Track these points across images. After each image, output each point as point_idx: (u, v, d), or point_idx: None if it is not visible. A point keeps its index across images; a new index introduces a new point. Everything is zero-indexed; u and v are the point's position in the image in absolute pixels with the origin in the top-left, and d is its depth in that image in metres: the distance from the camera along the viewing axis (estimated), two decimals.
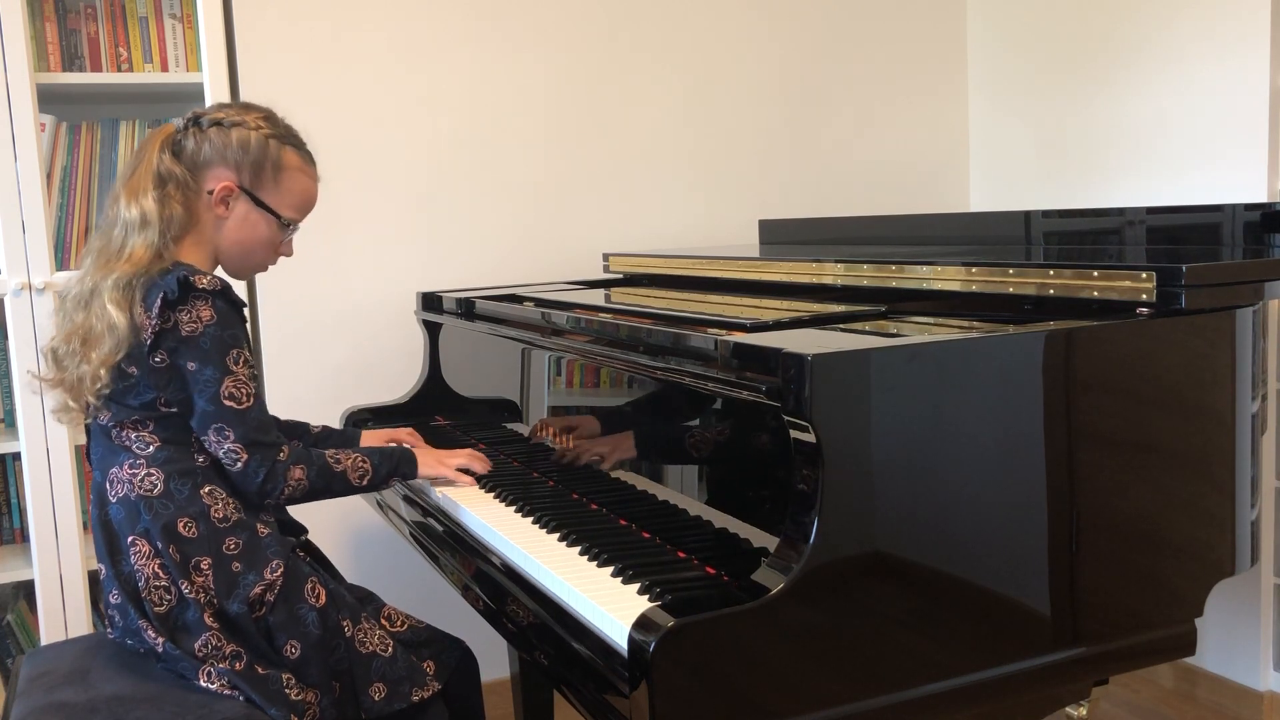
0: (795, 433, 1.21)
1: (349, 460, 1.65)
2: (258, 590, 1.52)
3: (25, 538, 2.42)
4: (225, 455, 1.53)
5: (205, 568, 1.51)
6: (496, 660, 2.40)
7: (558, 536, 1.54)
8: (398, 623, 1.67)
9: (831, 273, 1.86)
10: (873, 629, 1.21)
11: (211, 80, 2.34)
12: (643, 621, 1.13)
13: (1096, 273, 1.47)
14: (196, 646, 1.49)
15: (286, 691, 1.49)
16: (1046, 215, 2.17)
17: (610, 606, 1.25)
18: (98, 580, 1.64)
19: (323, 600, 1.57)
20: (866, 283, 1.79)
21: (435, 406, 2.39)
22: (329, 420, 2.40)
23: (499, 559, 1.57)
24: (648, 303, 1.93)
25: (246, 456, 1.53)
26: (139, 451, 1.56)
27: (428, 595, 2.40)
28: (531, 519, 1.63)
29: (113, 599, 1.56)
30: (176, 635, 1.51)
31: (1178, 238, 1.94)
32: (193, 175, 1.62)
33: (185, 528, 1.52)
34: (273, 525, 1.60)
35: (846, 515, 1.19)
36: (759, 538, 1.30)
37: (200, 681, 1.48)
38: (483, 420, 2.19)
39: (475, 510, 1.71)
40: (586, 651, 1.26)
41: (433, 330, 2.41)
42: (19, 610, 2.46)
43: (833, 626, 1.18)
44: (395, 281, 2.59)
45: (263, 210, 1.65)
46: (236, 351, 1.54)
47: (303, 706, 1.50)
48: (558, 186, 2.74)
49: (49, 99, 2.36)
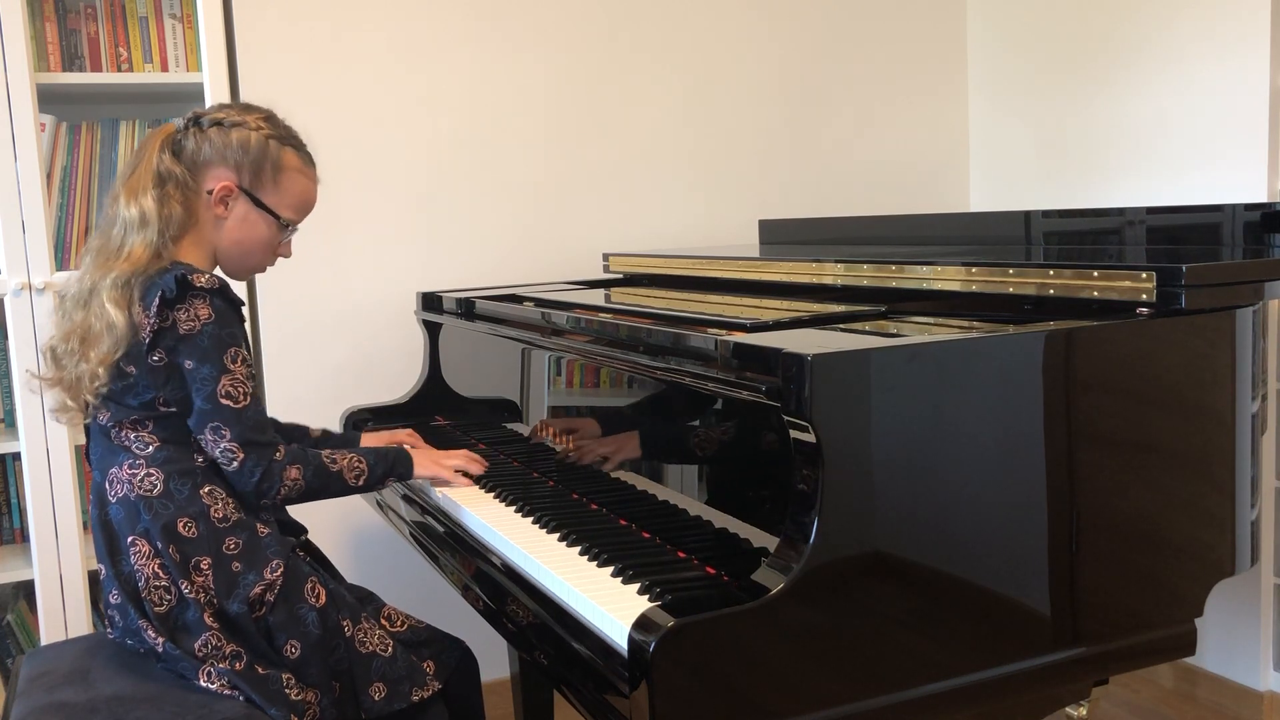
0: (795, 433, 1.21)
1: (345, 460, 1.65)
2: (258, 590, 1.52)
3: (25, 538, 2.43)
4: (221, 454, 1.53)
5: (205, 568, 1.51)
6: (496, 660, 2.40)
7: (558, 536, 1.54)
8: (398, 623, 1.67)
9: (831, 273, 1.86)
10: (873, 629, 1.21)
11: (211, 80, 2.34)
12: (643, 621, 1.13)
13: (1096, 273, 1.47)
14: (196, 646, 1.49)
15: (286, 691, 1.49)
16: (1046, 215, 2.17)
17: (610, 606, 1.25)
18: (98, 580, 1.64)
19: (323, 600, 1.57)
20: (866, 283, 1.79)
21: (435, 406, 2.39)
22: (329, 420, 2.40)
23: (499, 559, 1.57)
24: (648, 303, 1.93)
25: (243, 456, 1.53)
26: (138, 452, 1.56)
27: (428, 595, 2.40)
28: (531, 519, 1.63)
29: (113, 599, 1.56)
30: (176, 635, 1.51)
31: (1178, 238, 1.94)
32: (192, 175, 1.62)
33: (185, 528, 1.52)
34: (273, 525, 1.60)
35: (846, 515, 1.19)
36: (759, 538, 1.30)
37: (200, 681, 1.48)
38: (483, 420, 2.19)
39: (475, 510, 1.71)
40: (586, 651, 1.26)
41: (433, 330, 2.41)
42: (19, 610, 2.46)
43: (833, 626, 1.18)
44: (395, 281, 2.59)
45: (262, 211, 1.65)
46: (234, 350, 1.54)
47: (303, 706, 1.50)
48: (558, 186, 2.74)
49: (49, 99, 2.36)
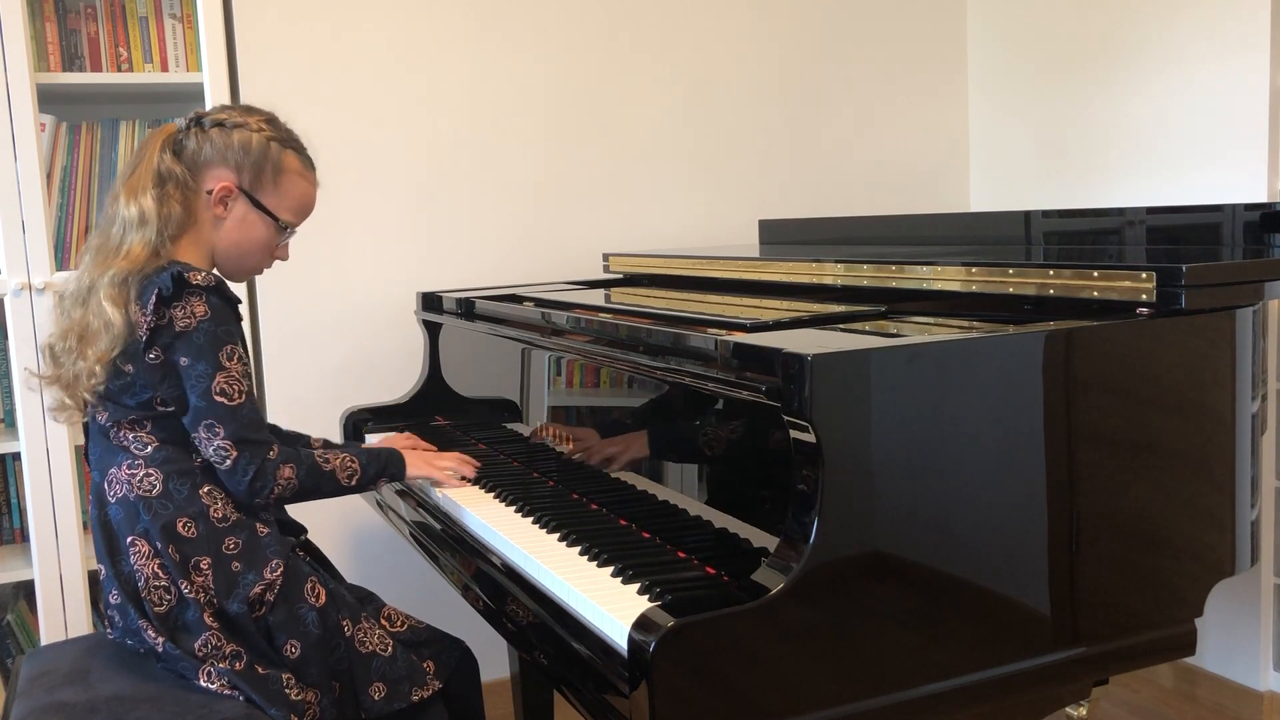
0: (795, 433, 1.21)
1: (338, 460, 1.65)
2: (257, 590, 1.52)
3: (25, 538, 2.43)
4: (215, 453, 1.53)
5: (205, 567, 1.51)
6: (496, 660, 2.40)
7: (558, 536, 1.54)
8: (398, 623, 1.67)
9: (831, 273, 1.86)
10: (873, 629, 1.21)
11: (211, 80, 2.34)
12: (643, 621, 1.13)
13: (1096, 273, 1.47)
14: (196, 646, 1.49)
15: (286, 691, 1.49)
16: (1046, 215, 2.17)
17: (610, 606, 1.25)
18: (98, 580, 1.64)
19: (322, 600, 1.57)
20: (866, 283, 1.79)
21: (435, 406, 2.39)
22: (329, 419, 2.41)
23: (499, 559, 1.57)
24: (648, 303, 1.93)
25: (236, 454, 1.52)
26: (137, 452, 1.56)
27: (428, 595, 2.40)
28: (531, 519, 1.63)
29: (113, 599, 1.57)
30: (176, 635, 1.51)
31: (1178, 238, 1.94)
32: (192, 175, 1.62)
33: (184, 528, 1.52)
34: (272, 525, 1.60)
35: (846, 515, 1.19)
36: (759, 538, 1.30)
37: (200, 681, 1.48)
38: (483, 420, 2.19)
39: (475, 510, 1.71)
40: (586, 651, 1.26)
41: (433, 330, 2.41)
42: (19, 610, 2.46)
43: (833, 626, 1.18)
44: (395, 281, 2.59)
45: (261, 212, 1.65)
46: (230, 348, 1.54)
47: (303, 706, 1.50)
48: (558, 186, 2.74)
49: (49, 99, 2.36)
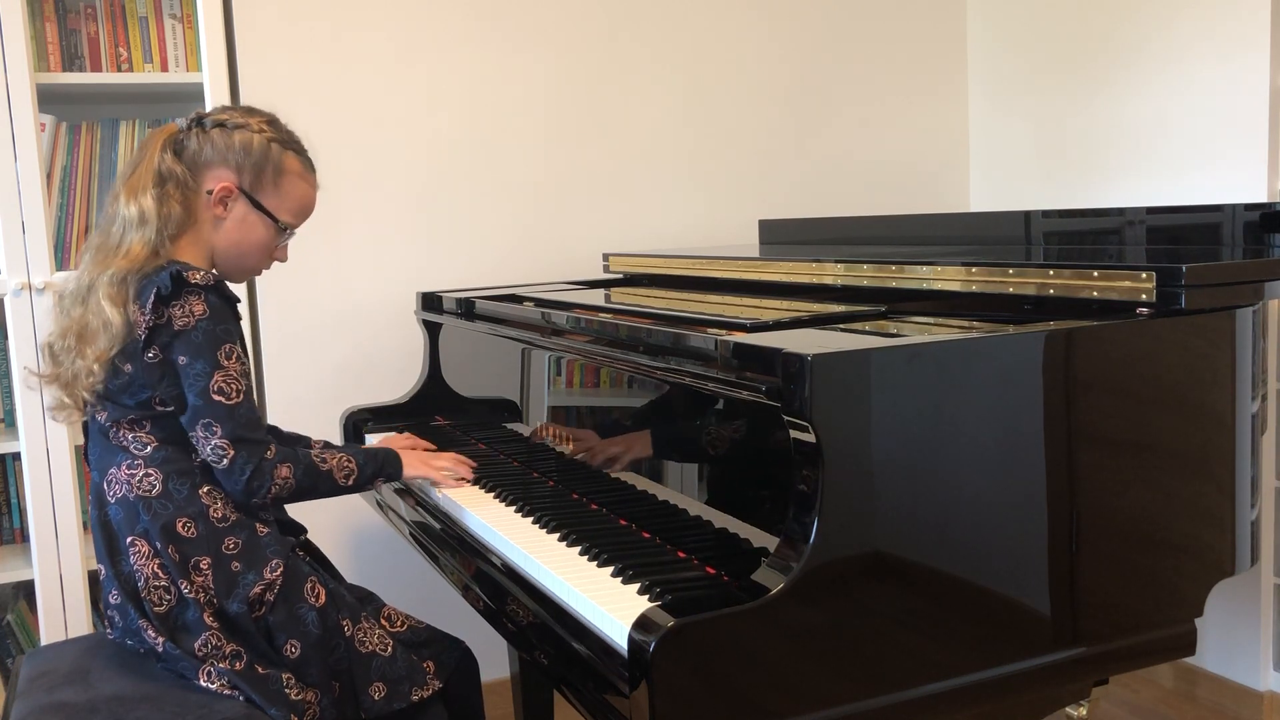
0: (795, 433, 1.20)
1: (334, 460, 1.65)
2: (257, 590, 1.52)
3: (25, 538, 2.43)
4: (212, 452, 1.52)
5: (205, 567, 1.51)
6: (496, 660, 2.40)
7: (558, 536, 1.54)
8: (397, 623, 1.67)
9: (831, 273, 1.86)
10: (873, 629, 1.21)
11: (211, 80, 2.34)
12: (643, 621, 1.13)
13: (1096, 273, 1.47)
14: (196, 646, 1.49)
15: (286, 691, 1.49)
16: (1046, 215, 2.17)
17: (610, 606, 1.25)
18: (98, 580, 1.64)
19: (322, 600, 1.57)
20: (866, 283, 1.79)
21: (435, 406, 2.39)
22: (329, 420, 2.41)
23: (499, 559, 1.57)
24: (648, 303, 1.93)
25: (233, 453, 1.52)
26: (136, 452, 1.56)
27: (428, 595, 2.40)
28: (531, 519, 1.63)
29: (112, 599, 1.57)
30: (176, 635, 1.51)
31: (1178, 238, 1.94)
32: (193, 175, 1.62)
33: (184, 528, 1.52)
34: (272, 525, 1.60)
35: (846, 515, 1.19)
36: (759, 538, 1.30)
37: (200, 681, 1.48)
38: (483, 420, 2.19)
39: (475, 510, 1.71)
40: (586, 651, 1.26)
41: (433, 330, 2.41)
42: (19, 610, 2.46)
43: (833, 626, 1.18)
44: (395, 281, 2.59)
45: (260, 213, 1.65)
46: (229, 347, 1.54)
47: (302, 706, 1.50)
48: (558, 186, 2.74)
49: (49, 99, 2.36)
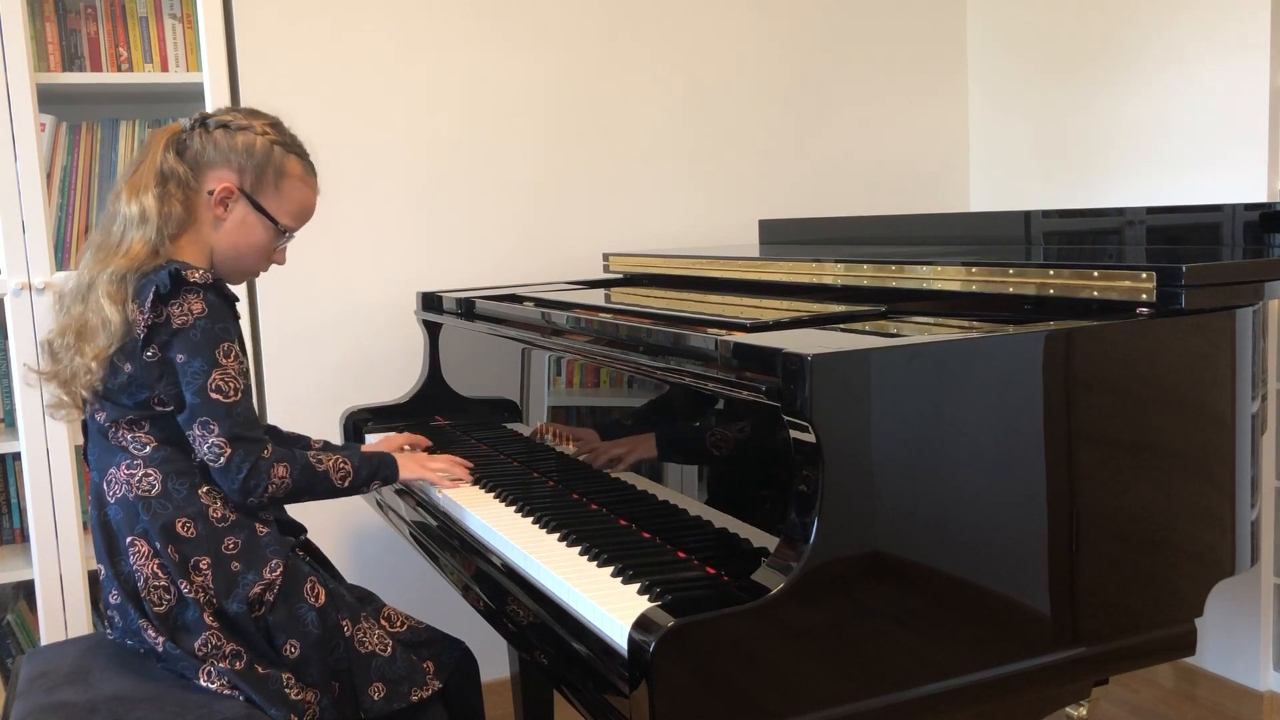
0: (795, 433, 1.20)
1: (330, 461, 1.65)
2: (257, 590, 1.52)
3: (25, 538, 2.43)
4: (209, 450, 1.52)
5: (204, 567, 1.51)
6: (496, 660, 2.40)
7: (558, 536, 1.54)
8: (397, 623, 1.67)
9: (831, 273, 1.86)
10: (873, 629, 1.21)
11: (211, 80, 2.34)
12: (643, 621, 1.13)
13: (1096, 273, 1.47)
14: (196, 646, 1.49)
15: (286, 691, 1.49)
16: (1046, 215, 2.17)
17: (610, 606, 1.25)
18: (98, 580, 1.64)
19: (322, 600, 1.57)
20: (866, 283, 1.79)
21: (435, 406, 2.39)
22: (329, 420, 2.41)
23: (499, 559, 1.57)
24: (648, 303, 1.93)
25: (230, 452, 1.52)
26: (136, 452, 1.56)
27: (428, 595, 2.40)
28: (531, 519, 1.63)
29: (112, 599, 1.57)
30: (176, 635, 1.51)
31: (1178, 238, 1.94)
32: (194, 175, 1.62)
33: (184, 528, 1.52)
34: (272, 525, 1.60)
35: (846, 515, 1.19)
36: (759, 538, 1.30)
37: (200, 681, 1.48)
38: (483, 420, 2.19)
39: (475, 510, 1.71)
40: (586, 651, 1.26)
41: (433, 330, 2.41)
42: (19, 610, 2.46)
43: (833, 626, 1.18)
44: (395, 281, 2.59)
45: (260, 215, 1.65)
46: (227, 345, 1.54)
47: (302, 706, 1.50)
48: (558, 186, 2.74)
49: (49, 99, 2.36)
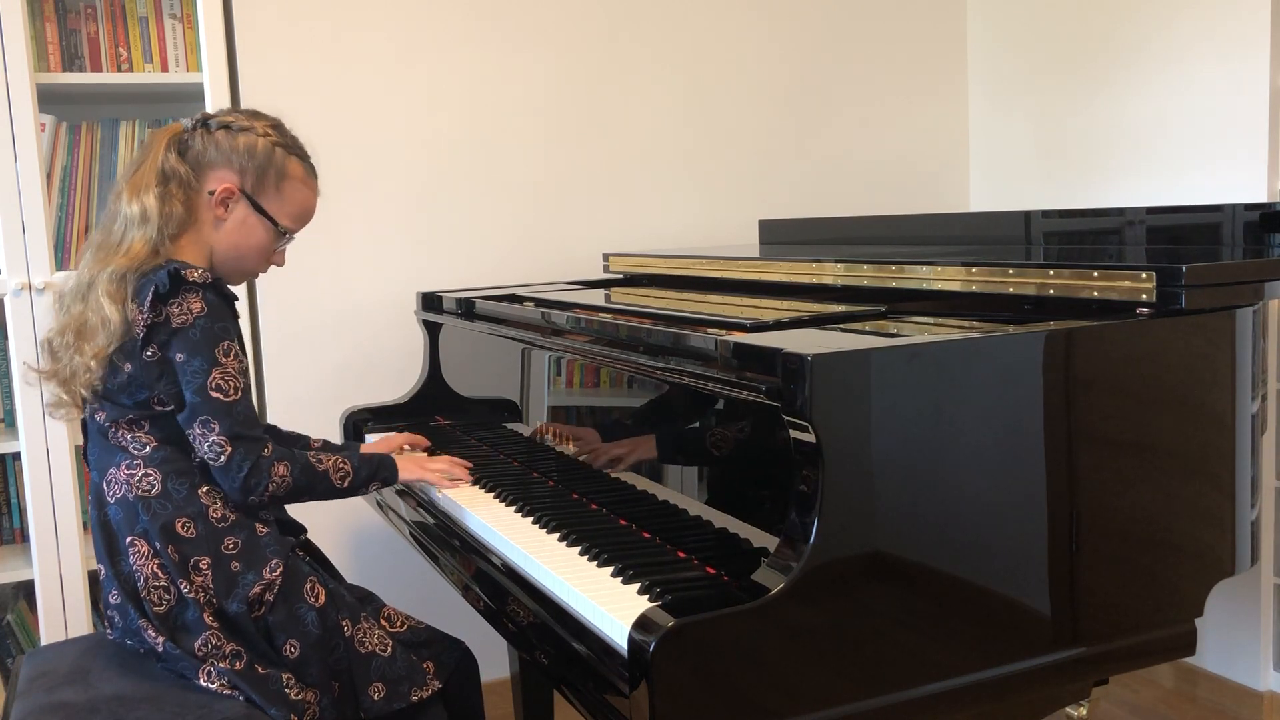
0: (795, 433, 1.20)
1: (330, 461, 1.65)
2: (257, 590, 1.52)
3: (25, 538, 2.43)
4: (210, 449, 1.52)
5: (204, 567, 1.51)
6: (496, 660, 2.40)
7: (558, 536, 1.54)
8: (397, 623, 1.67)
9: (831, 273, 1.86)
10: (873, 629, 1.21)
11: (211, 80, 2.34)
12: (643, 621, 1.13)
13: (1096, 273, 1.47)
14: (196, 646, 1.49)
15: (286, 691, 1.49)
16: (1046, 215, 2.17)
17: (610, 606, 1.25)
18: (98, 580, 1.64)
19: (322, 600, 1.57)
20: (866, 283, 1.79)
21: (435, 406, 2.39)
22: (329, 420, 2.41)
23: (499, 559, 1.57)
24: (648, 303, 1.93)
25: (230, 450, 1.52)
26: (135, 452, 1.56)
27: (428, 595, 2.40)
28: (531, 519, 1.63)
29: (112, 599, 1.57)
30: (176, 635, 1.51)
31: (1178, 238, 1.94)
32: (196, 175, 1.62)
33: (184, 528, 1.52)
34: (272, 525, 1.60)
35: (846, 515, 1.19)
36: (759, 538, 1.30)
37: (200, 681, 1.48)
38: (483, 420, 2.19)
39: (475, 510, 1.71)
40: (586, 651, 1.26)
41: (433, 330, 2.41)
42: (19, 610, 2.46)
43: (833, 626, 1.18)
44: (395, 281, 2.59)
45: (261, 216, 1.65)
46: (227, 344, 1.54)
47: (302, 706, 1.50)
48: (558, 186, 2.74)
49: (49, 99, 2.36)
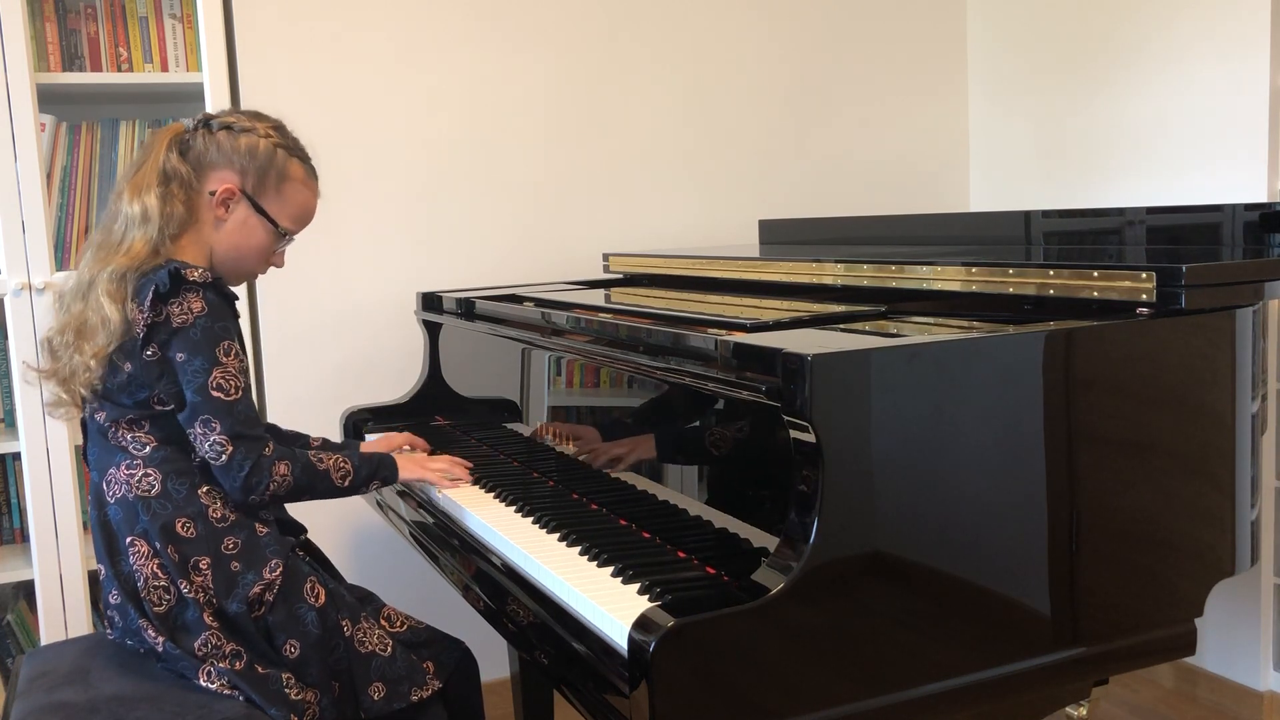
0: (795, 433, 1.20)
1: (331, 461, 1.65)
2: (257, 590, 1.52)
3: (25, 538, 2.43)
4: (211, 448, 1.52)
5: (204, 567, 1.51)
6: (496, 660, 2.40)
7: (558, 536, 1.54)
8: (397, 623, 1.68)
9: (831, 273, 1.86)
10: (873, 629, 1.21)
11: (211, 80, 2.34)
12: (643, 621, 1.13)
13: (1096, 273, 1.47)
14: (196, 646, 1.49)
15: (286, 691, 1.49)
16: (1046, 215, 2.17)
17: (610, 606, 1.25)
18: (98, 580, 1.64)
19: (322, 600, 1.57)
20: (866, 283, 1.79)
21: (435, 407, 2.39)
22: (329, 420, 2.41)
23: (499, 559, 1.57)
24: (648, 303, 1.93)
25: (232, 449, 1.52)
26: (135, 452, 1.56)
27: (428, 595, 2.40)
28: (532, 519, 1.63)
29: (112, 599, 1.57)
30: (176, 635, 1.51)
31: (1178, 238, 1.94)
32: (197, 175, 1.62)
33: (183, 528, 1.52)
34: (272, 525, 1.60)
35: (846, 515, 1.19)
36: (759, 538, 1.30)
37: (200, 681, 1.48)
38: (483, 420, 2.19)
39: (475, 510, 1.71)
40: (586, 651, 1.26)
41: (433, 330, 2.41)
42: (19, 610, 2.46)
43: (833, 626, 1.18)
44: (395, 281, 2.59)
45: (261, 217, 1.65)
46: (227, 343, 1.54)
47: (302, 706, 1.50)
48: (558, 186, 2.74)
49: (49, 99, 2.36)
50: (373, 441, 2.05)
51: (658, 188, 2.83)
